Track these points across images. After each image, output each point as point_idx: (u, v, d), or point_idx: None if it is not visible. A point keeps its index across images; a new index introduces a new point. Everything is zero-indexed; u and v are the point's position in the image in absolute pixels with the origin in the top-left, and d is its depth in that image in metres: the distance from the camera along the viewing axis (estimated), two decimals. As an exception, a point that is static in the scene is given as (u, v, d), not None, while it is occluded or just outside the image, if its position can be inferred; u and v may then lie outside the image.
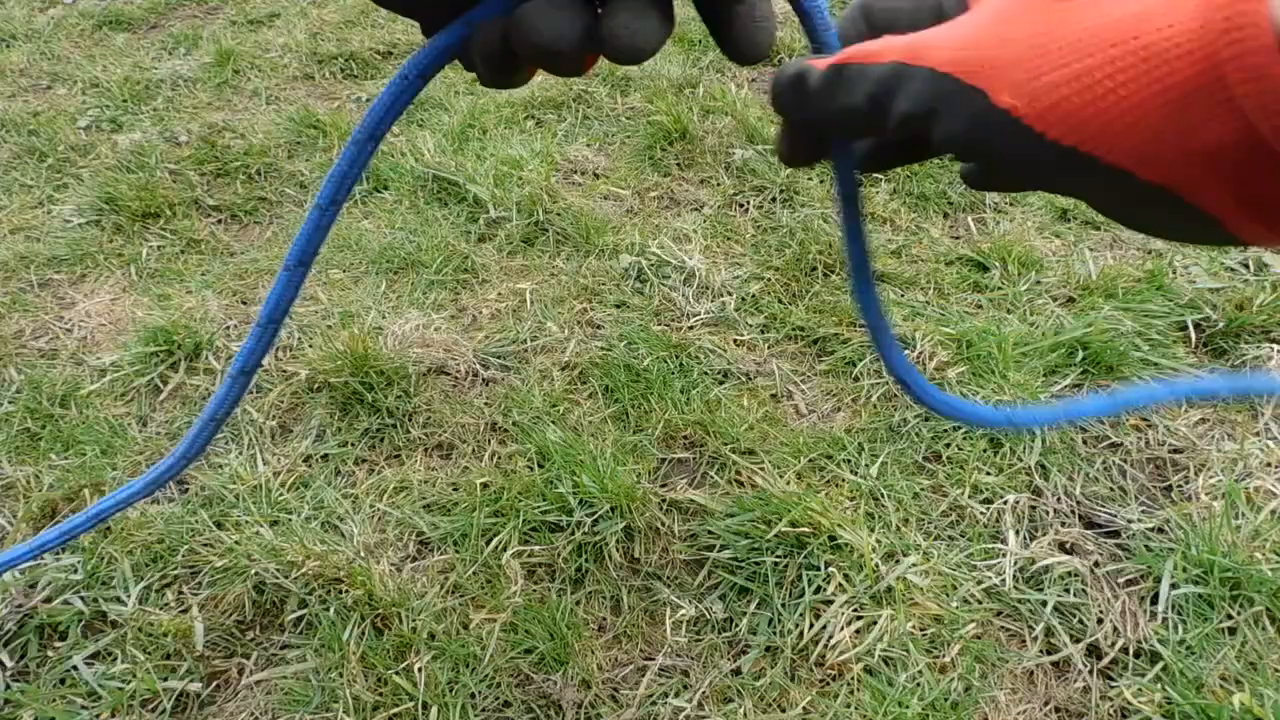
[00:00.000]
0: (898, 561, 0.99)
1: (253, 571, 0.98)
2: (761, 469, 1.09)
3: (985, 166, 0.26)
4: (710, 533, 1.02)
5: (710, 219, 1.56)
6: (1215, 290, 1.34)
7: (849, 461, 1.11)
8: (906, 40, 0.27)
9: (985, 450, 1.12)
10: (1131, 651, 0.91)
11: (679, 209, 1.61)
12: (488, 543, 1.02)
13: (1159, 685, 0.88)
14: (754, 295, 1.38)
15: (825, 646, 0.91)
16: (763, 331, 1.32)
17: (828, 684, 0.89)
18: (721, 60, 2.07)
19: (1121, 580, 0.98)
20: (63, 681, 0.90)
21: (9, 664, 0.91)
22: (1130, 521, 1.04)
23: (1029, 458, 1.10)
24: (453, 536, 1.03)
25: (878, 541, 1.00)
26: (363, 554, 1.01)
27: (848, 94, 0.28)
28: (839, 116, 0.28)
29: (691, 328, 1.33)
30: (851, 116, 0.28)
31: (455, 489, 1.09)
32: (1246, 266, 1.39)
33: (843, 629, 0.92)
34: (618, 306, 1.38)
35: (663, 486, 1.09)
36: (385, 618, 0.94)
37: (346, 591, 0.96)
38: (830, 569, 0.97)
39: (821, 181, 1.64)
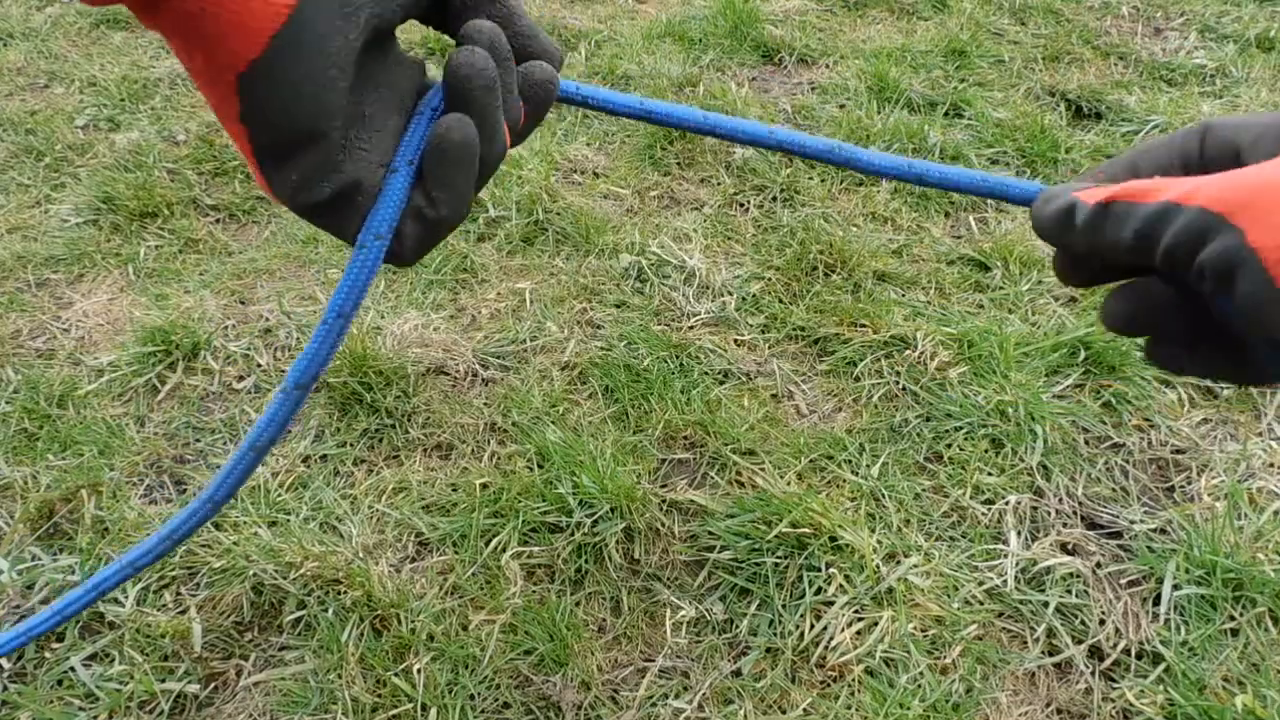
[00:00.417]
0: (899, 562, 0.99)
1: (251, 572, 0.98)
2: (762, 469, 1.09)
3: (1233, 304, 0.26)
4: (710, 533, 1.02)
5: (710, 218, 1.56)
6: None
7: (850, 462, 1.11)
8: (1185, 183, 0.28)
9: (987, 451, 1.12)
10: (1134, 653, 0.91)
11: (679, 208, 1.61)
12: (487, 543, 1.02)
13: (1161, 687, 0.88)
14: (754, 295, 1.38)
15: (826, 648, 0.91)
16: (763, 331, 1.33)
17: (828, 685, 0.89)
18: (721, 59, 2.07)
19: (1124, 581, 0.98)
20: (60, 683, 0.90)
21: (6, 665, 0.91)
22: (1132, 522, 1.04)
23: (1030, 458, 1.10)
24: (452, 537, 1.03)
25: (879, 542, 1.00)
26: (361, 555, 1.01)
27: (1115, 230, 0.29)
28: (1105, 249, 0.30)
29: (692, 327, 1.33)
30: (1117, 250, 0.29)
31: (454, 489, 1.09)
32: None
33: (843, 630, 0.92)
34: (618, 306, 1.38)
35: (663, 487, 1.09)
36: (384, 619, 0.94)
37: (345, 592, 0.96)
38: (831, 570, 0.97)
39: (823, 180, 1.64)
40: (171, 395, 1.24)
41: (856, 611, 0.94)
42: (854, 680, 0.89)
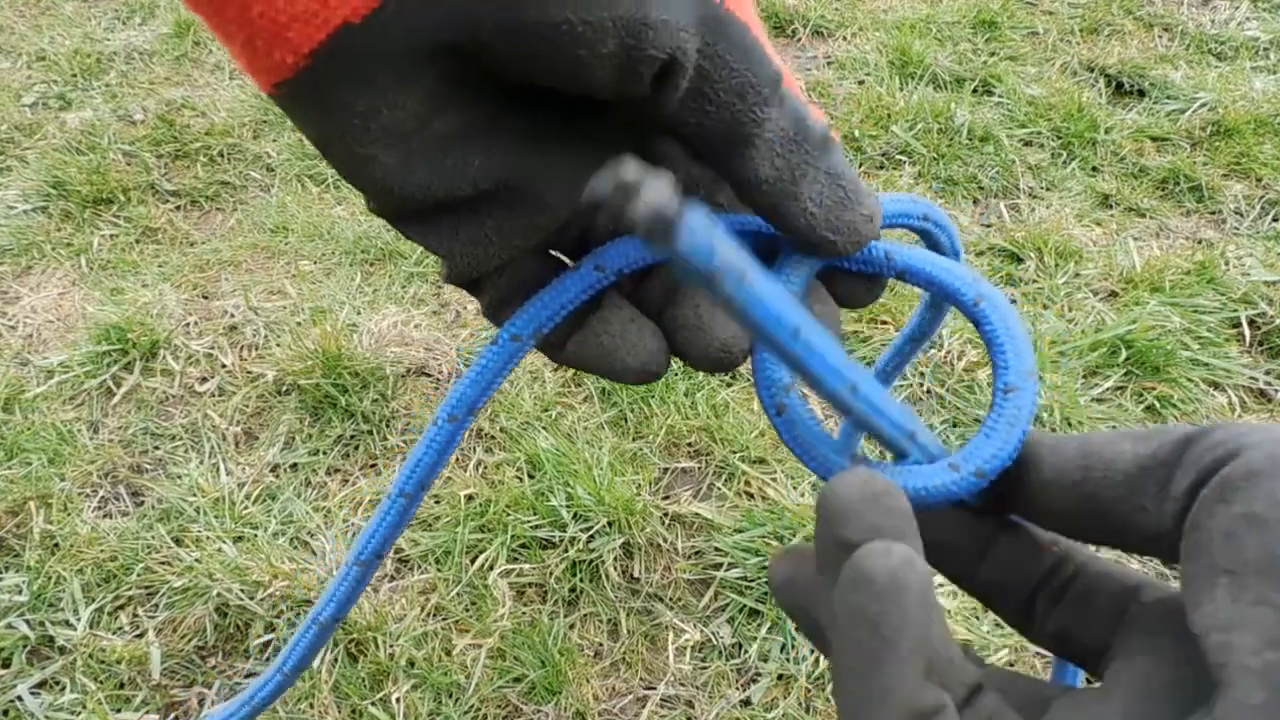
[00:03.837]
0: (923, 581, 0.99)
1: (214, 592, 0.98)
2: (773, 479, 1.09)
3: None
4: (717, 549, 1.03)
5: (717, 205, 1.56)
6: (1271, 283, 1.34)
7: (869, 471, 1.11)
8: None
9: (1019, 459, 1.12)
10: (1179, 680, 0.91)
11: (683, 194, 1.61)
12: (473, 561, 1.02)
13: (1210, 717, 0.88)
14: (765, 289, 1.38)
15: (843, 674, 0.91)
16: (775, 328, 1.33)
17: (846, 716, 0.89)
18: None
19: (1168, 602, 0.98)
20: (5, 713, 0.90)
21: (-53, 694, 0.91)
22: (1178, 537, 1.04)
23: (1067, 467, 1.10)
24: (434, 554, 1.03)
25: (901, 559, 1.00)
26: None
27: None
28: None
29: (696, 324, 1.33)
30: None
31: (437, 502, 1.09)
32: (1306, 257, 1.39)
33: (862, 655, 0.92)
34: (615, 301, 1.38)
35: (665, 499, 1.09)
36: (360, 643, 0.94)
37: (317, 614, 0.96)
38: (849, 589, 0.97)
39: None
40: (128, 398, 1.24)
41: (876, 635, 0.94)
42: (874, 710, 0.89)
